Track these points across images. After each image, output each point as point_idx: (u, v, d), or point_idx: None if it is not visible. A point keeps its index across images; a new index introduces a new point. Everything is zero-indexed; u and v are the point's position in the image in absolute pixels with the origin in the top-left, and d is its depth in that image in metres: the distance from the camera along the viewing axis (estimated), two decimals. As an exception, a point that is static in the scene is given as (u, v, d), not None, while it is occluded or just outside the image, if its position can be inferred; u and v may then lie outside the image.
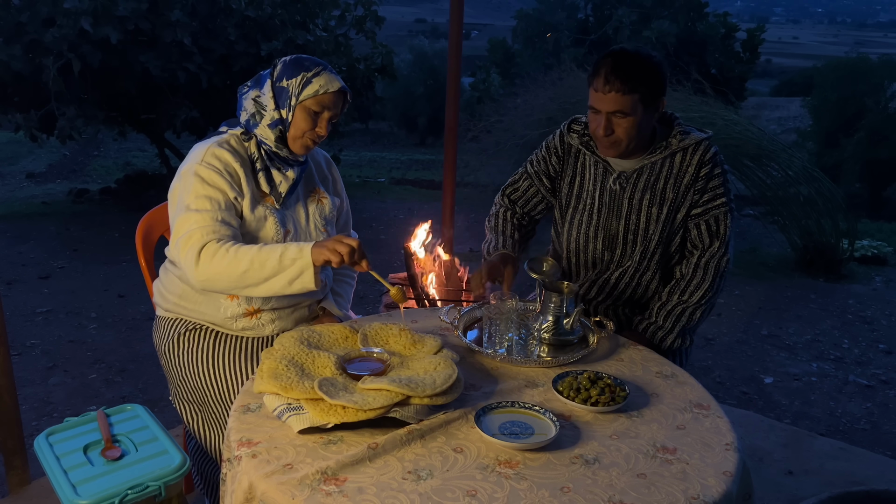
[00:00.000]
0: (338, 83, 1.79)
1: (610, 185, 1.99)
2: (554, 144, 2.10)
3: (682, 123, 1.97)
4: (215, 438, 1.87)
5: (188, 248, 1.67)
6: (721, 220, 1.95)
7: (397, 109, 17.00)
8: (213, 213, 1.70)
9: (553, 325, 1.77)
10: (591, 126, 1.90)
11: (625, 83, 1.77)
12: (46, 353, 3.77)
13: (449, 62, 3.36)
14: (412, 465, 1.26)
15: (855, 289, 5.51)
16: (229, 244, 1.67)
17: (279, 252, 1.64)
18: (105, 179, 9.62)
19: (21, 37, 5.63)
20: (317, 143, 1.85)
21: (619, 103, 1.79)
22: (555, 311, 1.77)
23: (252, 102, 1.81)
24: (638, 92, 1.78)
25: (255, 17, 6.32)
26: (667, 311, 1.98)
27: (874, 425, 3.37)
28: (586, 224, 2.05)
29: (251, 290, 1.69)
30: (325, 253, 1.62)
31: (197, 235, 1.67)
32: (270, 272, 1.64)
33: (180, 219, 1.71)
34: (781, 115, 18.77)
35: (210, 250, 1.66)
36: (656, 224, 1.96)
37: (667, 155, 1.93)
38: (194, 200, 1.71)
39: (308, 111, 1.78)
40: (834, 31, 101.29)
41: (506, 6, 58.09)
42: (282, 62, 1.82)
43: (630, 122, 1.82)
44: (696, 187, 1.93)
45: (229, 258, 1.64)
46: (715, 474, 1.27)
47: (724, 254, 1.96)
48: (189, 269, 1.67)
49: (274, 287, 1.66)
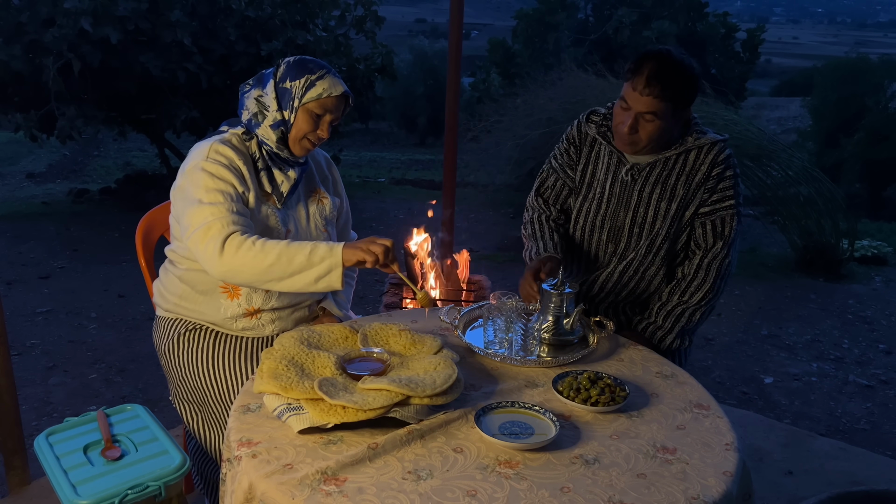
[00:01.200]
0: (341, 87, 1.79)
1: (622, 176, 1.99)
2: (571, 135, 2.11)
3: (700, 124, 1.98)
4: (215, 438, 1.87)
5: (209, 238, 1.65)
6: (727, 222, 1.95)
7: (397, 109, 17.00)
8: (227, 205, 1.69)
9: (553, 325, 1.77)
10: (617, 119, 1.90)
11: (665, 90, 1.78)
12: (46, 353, 3.77)
13: (449, 62, 3.37)
14: (412, 465, 1.26)
15: (855, 289, 5.51)
16: (255, 237, 1.66)
17: (308, 249, 1.64)
18: (105, 179, 9.62)
19: (21, 37, 5.63)
20: (317, 146, 1.86)
21: (652, 106, 1.80)
22: (555, 311, 1.77)
23: (254, 102, 1.81)
24: (671, 101, 1.80)
25: (255, 17, 6.32)
26: (666, 312, 1.98)
27: (874, 425, 3.37)
28: (594, 213, 2.05)
29: (273, 283, 1.67)
30: (359, 253, 1.62)
31: (217, 226, 1.66)
32: (298, 268, 1.63)
33: (192, 212, 1.69)
34: (781, 115, 18.78)
35: (235, 241, 1.64)
36: (663, 219, 1.97)
37: (681, 151, 1.94)
38: (206, 194, 1.70)
39: (310, 114, 1.78)
40: (834, 31, 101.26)
41: (506, 6, 58.09)
42: (286, 63, 1.82)
43: (655, 126, 1.83)
44: (707, 186, 1.94)
45: (255, 250, 1.63)
46: (715, 474, 1.27)
47: (726, 255, 1.96)
48: (211, 259, 1.65)
49: (297, 283, 1.65)
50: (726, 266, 1.97)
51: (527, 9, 13.88)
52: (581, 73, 7.08)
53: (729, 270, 1.98)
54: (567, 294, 1.76)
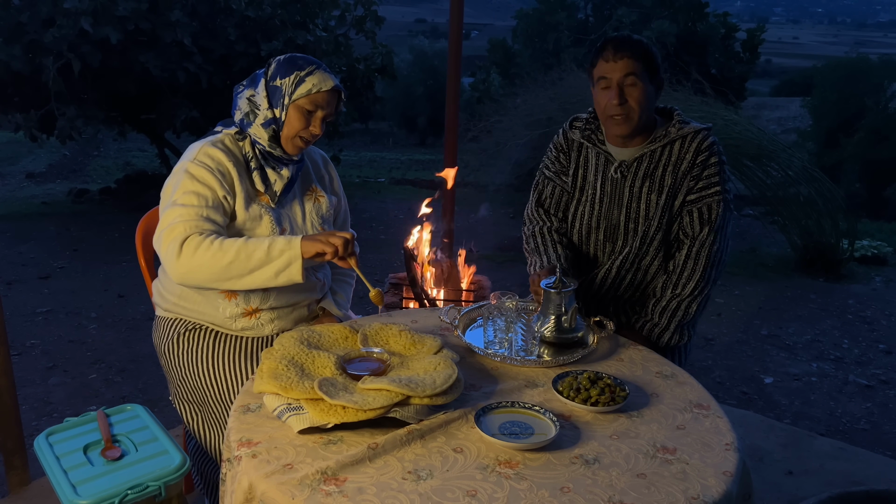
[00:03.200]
0: (331, 81, 1.78)
1: (611, 174, 2.01)
2: (559, 142, 2.15)
3: (682, 115, 2.02)
4: (215, 438, 1.87)
5: (170, 240, 1.66)
6: (713, 208, 1.96)
7: (397, 109, 17.02)
8: (198, 209, 1.70)
9: (554, 324, 1.77)
10: (602, 103, 1.93)
11: (634, 50, 1.89)
12: (46, 353, 3.77)
13: (449, 62, 3.37)
14: (412, 465, 1.26)
15: (855, 289, 5.51)
16: (213, 237, 1.66)
17: (267, 243, 1.64)
18: (105, 179, 9.63)
19: (21, 37, 5.63)
20: (311, 143, 1.85)
21: (629, 67, 1.88)
22: (555, 311, 1.77)
23: (246, 101, 1.81)
24: (642, 61, 1.89)
25: (255, 17, 6.32)
26: (662, 308, 1.99)
27: (874, 425, 3.37)
28: (588, 214, 2.07)
29: (233, 282, 1.67)
30: (318, 245, 1.63)
31: (180, 228, 1.66)
32: (257, 263, 1.64)
33: (166, 213, 1.71)
34: (781, 115, 18.79)
35: (193, 242, 1.65)
36: (655, 211, 1.99)
37: (666, 143, 1.97)
38: (181, 196, 1.71)
39: (301, 110, 1.77)
40: (834, 31, 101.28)
41: (506, 6, 58.08)
42: (276, 61, 1.82)
43: (640, 90, 1.89)
44: (693, 174, 1.96)
45: (213, 250, 1.64)
46: (715, 474, 1.27)
47: (714, 242, 1.96)
48: (170, 261, 1.66)
49: (258, 279, 1.66)
50: (715, 253, 1.97)
51: (527, 9, 13.88)
52: (581, 73, 7.08)
53: (720, 258, 1.98)
54: (566, 292, 1.76)
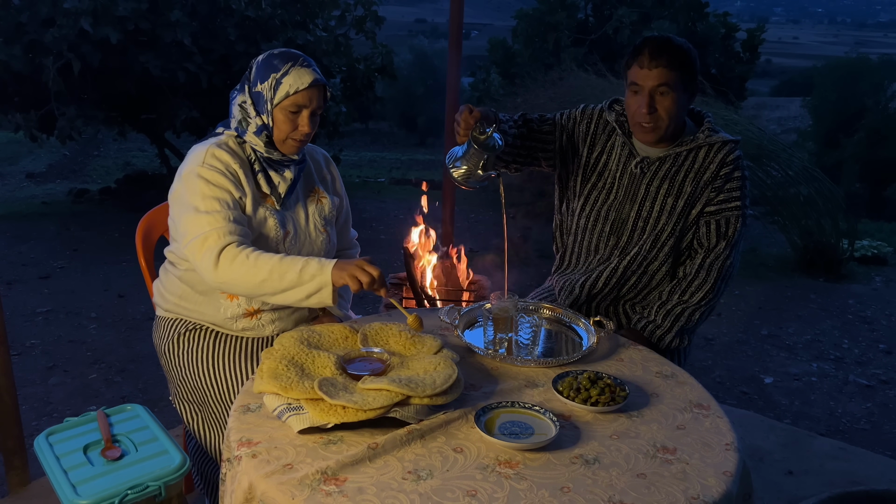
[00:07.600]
0: (308, 77, 1.74)
1: (631, 168, 1.99)
2: (592, 114, 2.09)
3: (713, 121, 1.99)
4: (215, 438, 1.87)
5: (205, 249, 1.66)
6: (732, 223, 1.95)
7: (397, 109, 17.02)
8: (224, 214, 1.70)
9: (467, 170, 1.75)
10: (632, 108, 1.90)
11: (671, 59, 1.82)
12: (46, 353, 3.77)
13: (449, 62, 3.36)
14: (412, 465, 1.26)
15: (855, 289, 5.51)
16: (249, 249, 1.67)
17: (300, 266, 1.64)
18: (105, 179, 9.62)
19: (21, 37, 5.63)
20: (306, 142, 1.83)
21: (663, 77, 1.82)
22: (472, 160, 1.73)
23: (238, 108, 1.80)
24: (679, 70, 1.83)
25: (255, 17, 6.31)
26: (666, 311, 1.98)
27: (874, 425, 3.37)
28: (601, 202, 2.05)
29: (267, 297, 1.71)
30: (346, 277, 1.63)
31: (213, 237, 1.67)
32: (289, 284, 1.64)
33: (189, 220, 1.70)
34: (781, 115, 18.78)
35: (230, 254, 1.66)
36: (669, 216, 1.96)
37: (692, 148, 1.94)
38: (202, 202, 1.70)
39: (286, 113, 1.75)
40: (834, 31, 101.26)
41: (506, 6, 58.05)
42: (255, 64, 1.79)
43: (672, 100, 1.85)
44: (715, 185, 1.94)
45: (249, 265, 1.64)
46: (715, 474, 1.27)
47: (728, 256, 1.95)
48: (207, 271, 1.67)
49: (290, 299, 1.68)
50: (728, 267, 1.97)
51: (527, 9, 13.86)
52: (581, 73, 7.07)
53: (731, 272, 1.98)
54: (490, 146, 1.70)
